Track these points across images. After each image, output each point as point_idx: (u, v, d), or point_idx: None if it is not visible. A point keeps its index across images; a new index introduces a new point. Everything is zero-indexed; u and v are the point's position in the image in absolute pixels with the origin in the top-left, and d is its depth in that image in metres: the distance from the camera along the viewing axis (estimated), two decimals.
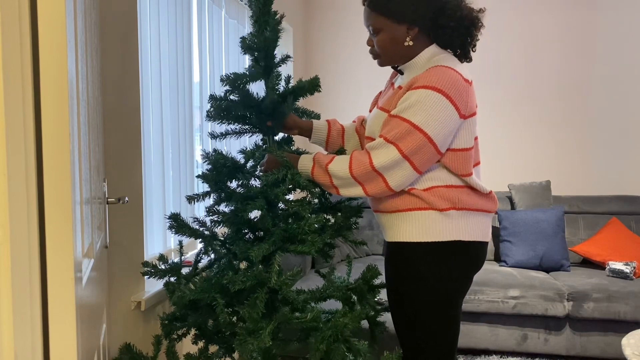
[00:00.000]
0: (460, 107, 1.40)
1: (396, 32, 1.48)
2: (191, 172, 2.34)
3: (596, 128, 3.90)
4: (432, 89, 1.38)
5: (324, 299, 1.54)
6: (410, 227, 1.48)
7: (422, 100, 1.38)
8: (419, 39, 1.49)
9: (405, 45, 1.49)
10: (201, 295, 1.46)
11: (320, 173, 1.49)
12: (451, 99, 1.38)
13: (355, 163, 1.43)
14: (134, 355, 1.56)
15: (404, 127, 1.39)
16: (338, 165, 1.46)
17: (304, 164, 1.51)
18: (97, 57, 1.41)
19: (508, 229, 3.41)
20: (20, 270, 0.91)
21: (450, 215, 1.46)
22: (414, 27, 1.47)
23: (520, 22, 3.95)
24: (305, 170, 1.51)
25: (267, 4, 1.50)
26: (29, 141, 0.93)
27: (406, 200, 1.48)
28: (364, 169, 1.42)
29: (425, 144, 1.38)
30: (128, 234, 1.73)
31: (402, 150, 1.39)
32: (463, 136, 1.45)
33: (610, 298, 2.88)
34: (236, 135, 1.61)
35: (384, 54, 1.53)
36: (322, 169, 1.48)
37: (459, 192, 1.47)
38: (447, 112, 1.38)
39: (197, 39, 2.41)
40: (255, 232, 1.59)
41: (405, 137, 1.38)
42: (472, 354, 3.06)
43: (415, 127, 1.38)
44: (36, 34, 0.94)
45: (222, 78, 1.52)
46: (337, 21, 4.22)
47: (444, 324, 1.51)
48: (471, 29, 1.49)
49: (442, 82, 1.38)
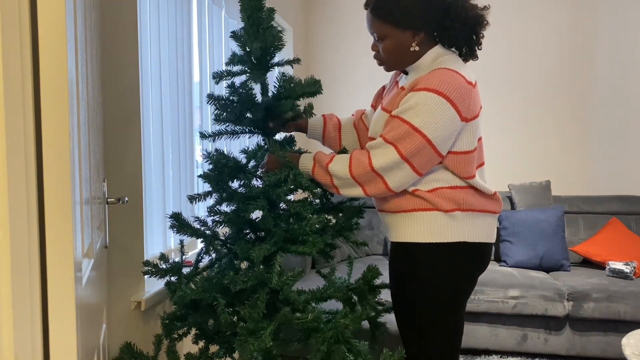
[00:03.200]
0: (462, 110, 1.40)
1: (402, 39, 1.47)
2: (191, 172, 2.34)
3: (596, 128, 3.90)
4: (433, 91, 1.37)
5: (324, 300, 1.54)
6: (415, 228, 1.47)
7: (422, 103, 1.38)
8: (424, 43, 1.49)
9: (411, 51, 1.48)
10: (202, 294, 1.46)
11: (321, 173, 1.49)
12: (452, 102, 1.37)
13: (355, 163, 1.43)
14: (135, 355, 1.56)
15: (403, 128, 1.39)
16: (338, 165, 1.46)
17: (304, 163, 1.51)
18: (97, 57, 1.41)
19: (508, 229, 3.41)
20: (20, 270, 0.91)
21: (456, 217, 1.46)
22: (420, 33, 1.46)
23: (520, 22, 3.95)
24: (306, 170, 1.51)
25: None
26: (29, 141, 0.93)
27: (411, 201, 1.48)
28: (363, 169, 1.42)
29: (424, 146, 1.38)
30: (128, 234, 1.73)
31: (401, 151, 1.38)
32: (465, 139, 1.45)
33: (610, 298, 2.88)
34: (231, 135, 1.61)
35: (390, 60, 1.52)
36: (323, 169, 1.48)
37: (464, 193, 1.47)
38: (448, 115, 1.38)
39: (197, 39, 2.41)
40: (257, 233, 1.59)
41: (405, 138, 1.38)
42: (472, 354, 3.06)
43: (414, 129, 1.37)
44: (36, 34, 0.93)
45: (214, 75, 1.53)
46: (337, 21, 4.22)
47: (448, 325, 1.50)
48: (476, 28, 1.48)
49: (444, 85, 1.37)
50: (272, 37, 1.50)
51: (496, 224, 1.58)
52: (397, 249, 1.54)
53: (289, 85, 1.52)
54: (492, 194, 1.52)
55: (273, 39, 1.50)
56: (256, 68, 1.53)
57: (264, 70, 1.54)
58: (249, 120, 1.58)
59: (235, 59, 1.54)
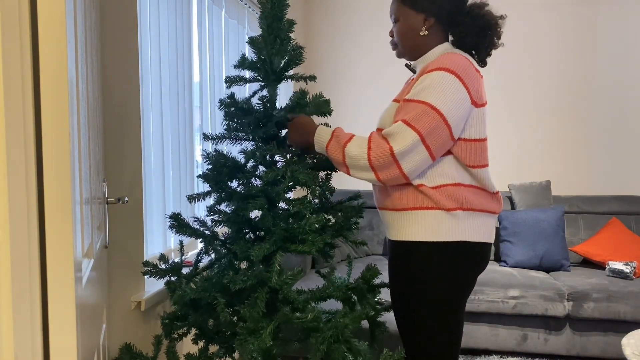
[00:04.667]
0: (472, 91, 1.42)
1: (414, 22, 1.53)
2: (191, 172, 2.34)
3: (596, 128, 3.90)
4: (445, 70, 1.40)
5: (324, 299, 1.54)
6: (416, 227, 1.47)
7: (437, 82, 1.40)
8: (433, 31, 1.54)
9: (420, 35, 1.53)
10: (202, 294, 1.46)
11: (335, 149, 1.47)
12: (463, 81, 1.40)
13: (375, 147, 1.41)
14: (134, 355, 1.56)
15: (420, 108, 1.39)
16: (355, 147, 1.44)
17: (321, 134, 1.50)
18: (97, 57, 1.41)
19: (508, 229, 3.41)
20: (20, 270, 0.91)
21: (457, 216, 1.46)
22: (431, 18, 1.52)
23: (520, 22, 3.95)
24: (320, 141, 1.50)
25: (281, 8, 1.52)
26: (29, 141, 0.93)
27: (414, 198, 1.47)
28: (382, 154, 1.40)
29: (440, 125, 1.38)
30: (128, 234, 1.73)
31: (420, 131, 1.38)
32: (475, 126, 1.46)
33: (610, 298, 2.88)
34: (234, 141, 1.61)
35: (400, 42, 1.58)
36: (339, 146, 1.46)
37: (467, 192, 1.47)
38: (461, 94, 1.40)
39: (197, 39, 2.41)
40: (256, 232, 1.59)
41: (422, 117, 1.38)
42: (472, 354, 3.06)
43: (430, 107, 1.38)
44: (36, 34, 0.93)
45: (226, 80, 1.53)
46: (338, 21, 4.22)
47: (447, 324, 1.50)
48: (487, 31, 1.52)
49: (454, 65, 1.41)
50: (295, 53, 1.52)
51: (495, 224, 1.58)
52: (397, 247, 1.54)
53: (304, 100, 1.53)
54: (495, 193, 1.53)
55: (295, 54, 1.52)
56: (270, 78, 1.54)
57: (278, 82, 1.55)
58: (261, 132, 1.57)
59: (245, 63, 1.54)
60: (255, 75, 1.57)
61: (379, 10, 4.14)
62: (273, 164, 1.59)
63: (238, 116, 1.54)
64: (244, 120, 1.54)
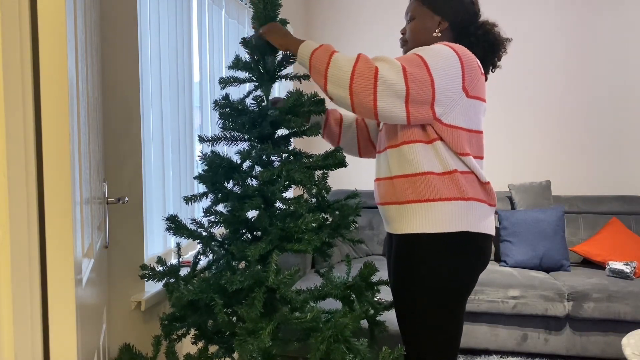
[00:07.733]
0: (466, 78, 1.44)
1: (429, 22, 1.59)
2: (191, 173, 2.35)
3: (596, 128, 3.90)
4: (449, 46, 1.46)
5: (322, 298, 1.54)
6: (418, 219, 1.49)
7: (437, 50, 1.44)
8: (445, 36, 1.59)
9: (433, 36, 1.59)
10: (199, 295, 1.46)
11: (321, 56, 1.44)
12: (462, 63, 1.44)
13: (362, 62, 1.39)
14: (134, 356, 1.56)
15: (416, 59, 1.42)
16: (344, 58, 1.42)
17: (308, 43, 1.48)
18: (97, 57, 1.41)
19: (508, 229, 3.41)
20: (20, 270, 0.91)
21: (458, 205, 1.47)
22: (445, 22, 1.58)
23: (519, 23, 3.95)
24: (306, 51, 1.46)
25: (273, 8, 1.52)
26: (29, 141, 0.93)
27: (418, 189, 1.48)
28: (367, 70, 1.37)
29: (426, 83, 1.39)
30: (128, 234, 1.73)
31: (407, 71, 1.38)
32: (472, 116, 1.48)
33: (610, 298, 2.88)
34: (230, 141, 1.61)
35: (412, 39, 1.62)
36: (327, 54, 1.44)
37: (465, 179, 1.48)
38: (455, 70, 1.42)
39: (197, 39, 2.41)
40: (253, 232, 1.59)
41: (414, 66, 1.40)
42: (472, 354, 3.06)
43: (425, 65, 1.40)
44: (36, 34, 0.94)
45: (220, 81, 1.53)
46: (338, 21, 4.22)
47: (448, 320, 1.51)
48: (495, 46, 1.59)
49: (459, 47, 1.47)
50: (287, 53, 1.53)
51: (493, 217, 1.60)
52: (399, 241, 1.54)
53: (299, 100, 1.52)
54: (486, 182, 1.54)
55: (288, 54, 1.53)
56: (264, 78, 1.55)
57: (272, 82, 1.55)
58: (256, 132, 1.58)
59: (239, 64, 1.55)
60: (249, 76, 1.57)
61: (379, 10, 4.14)
62: (269, 164, 1.59)
63: (233, 116, 1.54)
64: (238, 120, 1.54)
